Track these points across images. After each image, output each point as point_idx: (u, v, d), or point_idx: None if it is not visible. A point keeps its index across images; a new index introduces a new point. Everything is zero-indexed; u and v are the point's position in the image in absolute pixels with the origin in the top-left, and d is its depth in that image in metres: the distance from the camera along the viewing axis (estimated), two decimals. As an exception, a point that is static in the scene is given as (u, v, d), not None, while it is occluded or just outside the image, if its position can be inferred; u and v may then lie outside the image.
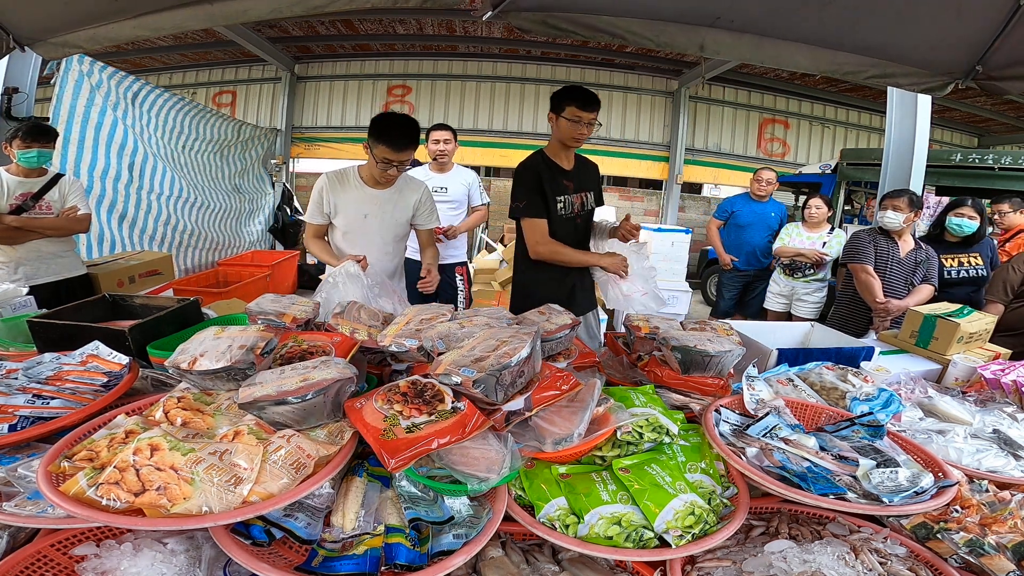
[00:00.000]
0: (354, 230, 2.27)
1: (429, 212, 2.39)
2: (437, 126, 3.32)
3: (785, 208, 4.66)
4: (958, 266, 2.91)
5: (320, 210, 2.25)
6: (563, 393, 1.09)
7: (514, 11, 2.02)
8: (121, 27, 2.24)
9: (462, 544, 0.86)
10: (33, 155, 2.61)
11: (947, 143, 9.28)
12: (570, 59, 8.32)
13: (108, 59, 5.10)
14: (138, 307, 1.70)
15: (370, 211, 2.25)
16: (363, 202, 2.25)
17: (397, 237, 2.35)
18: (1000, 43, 2.04)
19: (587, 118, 2.08)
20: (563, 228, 2.21)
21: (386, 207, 2.27)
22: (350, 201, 2.24)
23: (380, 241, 2.29)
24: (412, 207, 2.33)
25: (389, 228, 2.30)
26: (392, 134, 2.08)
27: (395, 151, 2.08)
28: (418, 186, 2.39)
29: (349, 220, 2.26)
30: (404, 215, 2.33)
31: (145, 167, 4.68)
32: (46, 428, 0.99)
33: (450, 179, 3.38)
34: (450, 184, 3.35)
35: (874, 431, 1.18)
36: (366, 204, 2.25)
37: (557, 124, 2.13)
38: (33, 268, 2.70)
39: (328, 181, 2.25)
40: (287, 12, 2.04)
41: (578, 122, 2.08)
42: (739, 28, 2.20)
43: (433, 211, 2.43)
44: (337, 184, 2.25)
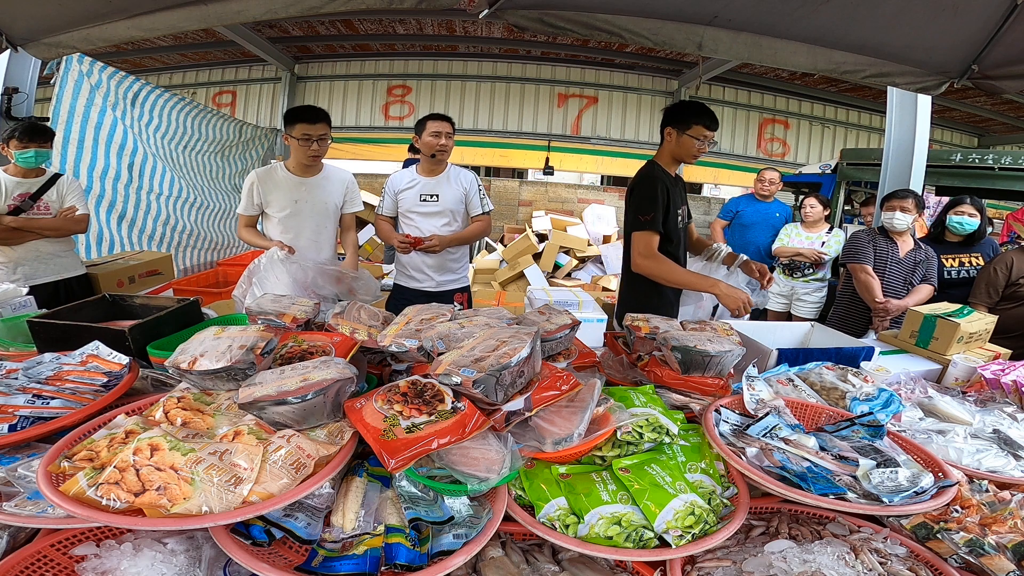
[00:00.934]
0: (287, 216, 2.50)
1: (354, 196, 2.70)
2: (435, 116, 2.64)
3: (790, 208, 4.66)
4: (959, 266, 2.91)
5: (251, 202, 2.51)
6: (563, 393, 1.09)
7: (511, 9, 2.03)
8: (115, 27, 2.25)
9: (462, 544, 0.86)
10: (31, 155, 2.60)
11: (947, 143, 9.27)
12: (570, 59, 8.31)
13: (108, 59, 5.10)
14: (138, 307, 1.70)
15: (300, 196, 2.50)
16: (292, 189, 2.49)
17: (327, 219, 2.60)
18: (996, 42, 2.05)
19: (711, 137, 2.12)
20: (680, 240, 2.23)
21: (315, 192, 2.53)
22: (280, 191, 2.49)
23: (312, 224, 2.55)
24: (341, 193, 2.62)
25: (319, 211, 2.55)
26: (304, 111, 2.40)
27: (311, 123, 2.37)
28: (344, 174, 2.68)
29: (281, 207, 2.49)
30: (333, 199, 2.59)
31: (145, 167, 4.68)
32: (46, 428, 0.99)
33: (442, 184, 2.71)
34: (443, 190, 2.69)
35: (874, 431, 1.18)
36: (295, 191, 2.50)
37: (678, 140, 2.13)
38: (32, 268, 2.70)
39: (257, 176, 2.50)
40: (282, 13, 2.05)
41: (703, 141, 2.10)
42: (737, 27, 2.20)
43: (358, 196, 2.73)
44: (266, 178, 2.51)
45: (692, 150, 2.11)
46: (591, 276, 6.84)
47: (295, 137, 2.38)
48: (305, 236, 2.52)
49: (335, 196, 2.58)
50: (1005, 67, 2.15)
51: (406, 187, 2.71)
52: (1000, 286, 2.57)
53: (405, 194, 2.70)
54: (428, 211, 2.70)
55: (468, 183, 2.77)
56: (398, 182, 2.73)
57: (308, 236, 2.53)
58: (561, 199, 8.49)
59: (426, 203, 2.69)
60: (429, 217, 2.71)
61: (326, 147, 2.46)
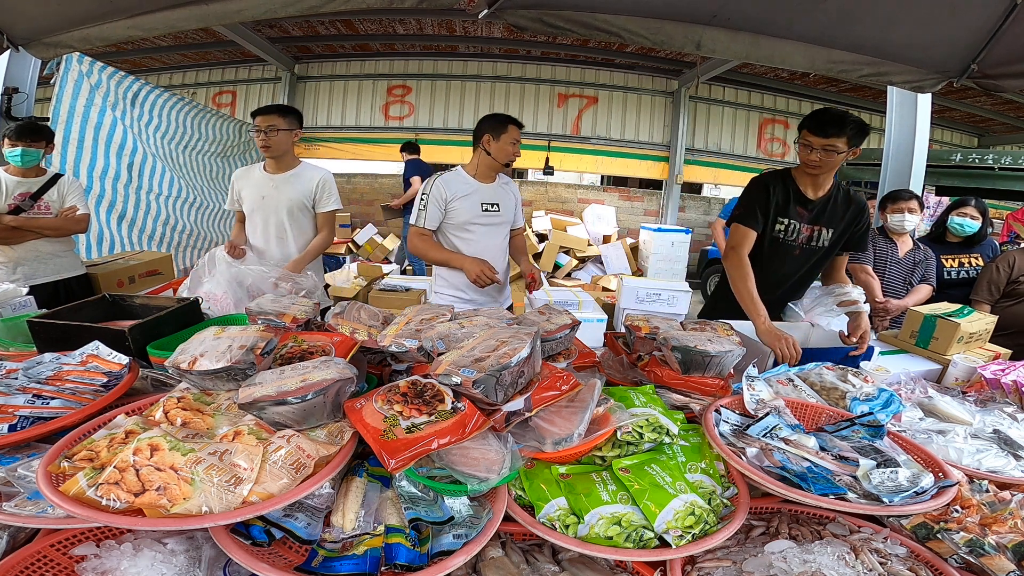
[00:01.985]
0: (255, 209, 2.56)
1: (327, 195, 2.61)
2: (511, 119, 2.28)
3: None
4: (958, 266, 2.92)
5: (232, 198, 2.64)
6: (563, 393, 1.09)
7: (510, 8, 2.03)
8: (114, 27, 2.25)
9: (462, 544, 0.86)
10: (18, 154, 2.60)
11: (947, 143, 9.28)
12: (570, 59, 8.31)
13: (108, 59, 5.11)
14: (138, 307, 1.69)
15: (266, 192, 2.55)
16: (261, 185, 2.56)
17: (292, 217, 2.57)
18: (996, 41, 2.05)
19: (818, 143, 1.86)
20: (777, 251, 2.08)
21: (282, 188, 2.55)
22: (253, 186, 2.57)
23: (275, 219, 2.56)
24: (311, 190, 2.57)
25: (284, 207, 2.55)
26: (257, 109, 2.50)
27: (259, 115, 2.45)
28: (318, 172, 2.62)
29: (251, 202, 2.57)
30: (301, 196, 2.56)
31: (144, 167, 4.68)
32: (46, 428, 0.99)
33: (499, 192, 2.39)
34: (502, 199, 2.39)
35: (874, 431, 1.18)
36: (263, 187, 2.56)
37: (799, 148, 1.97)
38: (32, 268, 2.70)
39: (236, 175, 2.63)
40: (281, 12, 2.06)
41: (807, 147, 1.90)
42: (735, 26, 2.21)
43: (332, 195, 2.63)
44: (244, 175, 2.62)
45: (803, 157, 1.96)
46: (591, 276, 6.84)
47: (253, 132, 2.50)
48: (269, 233, 2.57)
49: (303, 194, 2.56)
50: (1005, 66, 2.15)
51: (463, 195, 2.29)
52: (1002, 284, 2.57)
53: (461, 203, 2.28)
54: (491, 222, 2.36)
55: (516, 192, 2.52)
56: (449, 189, 2.27)
57: (272, 233, 2.57)
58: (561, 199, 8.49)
59: (488, 213, 2.34)
60: (493, 230, 2.37)
61: (276, 139, 2.47)
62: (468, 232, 2.34)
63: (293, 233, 2.59)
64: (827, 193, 2.04)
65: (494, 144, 2.28)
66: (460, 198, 2.29)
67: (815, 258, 2.11)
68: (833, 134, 1.84)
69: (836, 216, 2.06)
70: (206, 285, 2.14)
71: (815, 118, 1.90)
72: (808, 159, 1.92)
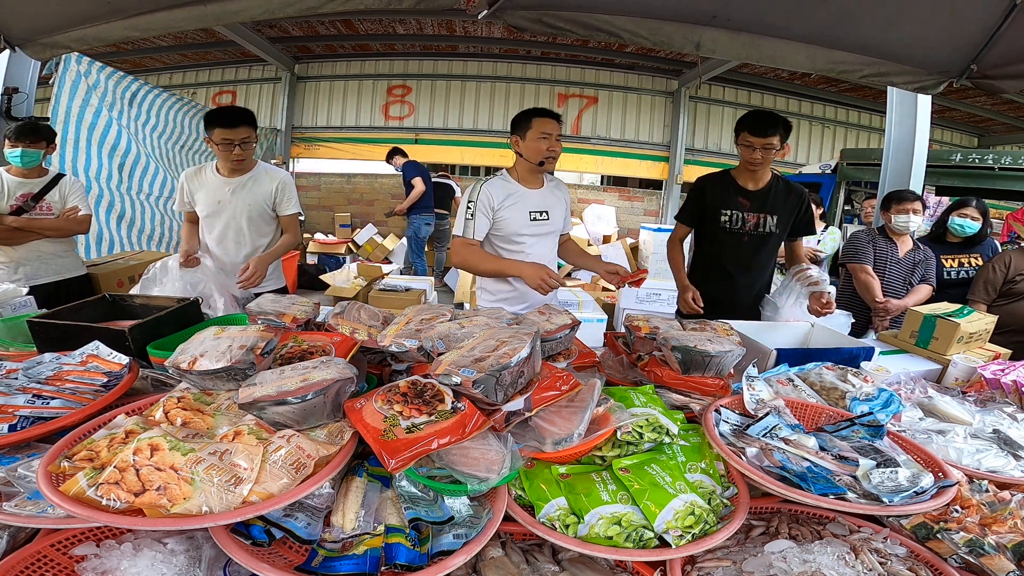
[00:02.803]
0: (211, 215, 2.43)
1: (288, 199, 2.50)
2: (541, 111, 2.07)
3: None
4: (958, 266, 2.92)
5: (182, 200, 2.48)
6: (563, 393, 1.09)
7: (510, 9, 2.03)
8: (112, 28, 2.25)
9: (462, 544, 0.86)
10: (16, 154, 2.59)
11: (947, 143, 9.28)
12: (570, 59, 8.31)
13: (107, 59, 5.11)
14: (138, 307, 1.70)
15: (223, 197, 2.40)
16: (217, 189, 2.40)
17: (251, 222, 2.45)
18: (995, 41, 2.05)
19: (758, 143, 2.16)
20: (728, 239, 2.35)
21: (239, 193, 2.40)
22: (206, 190, 2.41)
23: (235, 225, 2.43)
24: (271, 194, 2.45)
25: (242, 212, 2.42)
26: (221, 114, 2.29)
27: (229, 128, 2.25)
28: (276, 175, 2.50)
29: (206, 206, 2.42)
30: (259, 200, 2.43)
31: (135, 167, 4.66)
32: (46, 428, 0.99)
33: (548, 197, 2.17)
34: (551, 205, 2.18)
35: (874, 431, 1.18)
36: (219, 191, 2.40)
37: (738, 147, 2.28)
38: (33, 268, 2.70)
39: (186, 176, 2.46)
40: (280, 13, 2.06)
41: (749, 147, 2.18)
42: (735, 27, 2.21)
43: (292, 197, 2.51)
44: (194, 177, 2.45)
45: (746, 156, 2.24)
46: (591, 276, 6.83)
47: (215, 142, 2.26)
48: (226, 237, 2.44)
49: (262, 198, 2.42)
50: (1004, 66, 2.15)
51: (510, 203, 2.08)
52: (998, 284, 2.57)
53: (508, 212, 2.08)
54: (541, 231, 2.14)
55: (566, 195, 2.30)
56: (496, 196, 2.07)
57: (230, 238, 2.44)
58: (561, 199, 8.46)
59: (537, 223, 2.13)
60: (543, 240, 2.17)
61: (250, 150, 2.34)
62: (516, 243, 2.11)
63: (251, 237, 2.47)
64: (767, 184, 2.34)
65: (523, 144, 2.07)
66: (508, 207, 2.07)
67: (766, 244, 2.37)
68: (771, 133, 2.15)
69: (779, 203, 2.33)
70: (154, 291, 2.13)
71: (754, 121, 2.18)
72: (751, 157, 2.21)
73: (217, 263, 2.45)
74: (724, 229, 2.33)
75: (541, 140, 2.03)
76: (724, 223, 2.33)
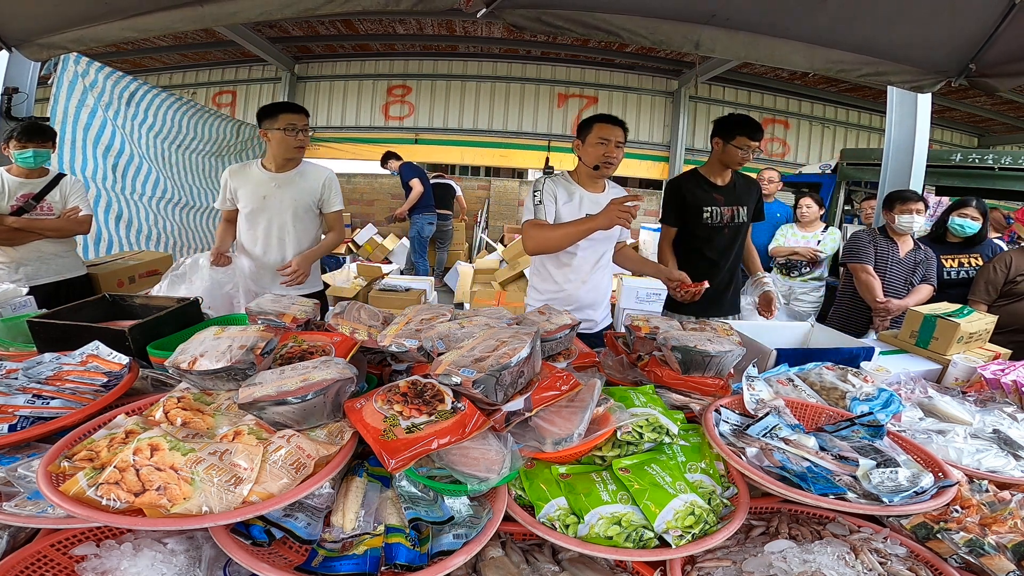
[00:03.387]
0: (255, 210, 2.42)
1: (335, 195, 2.53)
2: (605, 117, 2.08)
3: (790, 208, 4.67)
4: (958, 267, 2.92)
5: (224, 197, 2.47)
6: (563, 393, 1.09)
7: (509, 8, 2.03)
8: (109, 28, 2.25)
9: (462, 544, 0.86)
10: (29, 155, 2.60)
11: (947, 143, 9.28)
12: (570, 59, 8.32)
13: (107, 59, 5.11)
14: (138, 307, 1.70)
15: (268, 192, 2.41)
16: (263, 184, 2.41)
17: (296, 218, 2.44)
18: (994, 40, 2.05)
19: (753, 145, 2.30)
20: (712, 234, 2.47)
21: (286, 187, 2.42)
22: (251, 186, 2.42)
23: (279, 221, 2.43)
24: (317, 190, 2.47)
25: (288, 208, 2.42)
26: (285, 105, 2.39)
27: (296, 113, 2.34)
28: (322, 171, 2.52)
29: (249, 201, 2.41)
30: (306, 196, 2.45)
31: (129, 168, 4.65)
32: (46, 428, 0.99)
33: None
34: None
35: (874, 431, 1.18)
36: (265, 186, 2.41)
37: (724, 149, 2.35)
38: (34, 268, 2.70)
39: (230, 172, 2.46)
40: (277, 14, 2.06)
41: (744, 149, 2.31)
42: (734, 26, 2.21)
43: (338, 194, 2.54)
44: (238, 173, 2.46)
45: (738, 158, 2.34)
46: (591, 276, 6.82)
47: (279, 129, 2.31)
48: (270, 234, 2.43)
49: (308, 194, 2.44)
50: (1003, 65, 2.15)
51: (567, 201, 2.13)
52: (999, 284, 2.57)
53: (566, 209, 2.13)
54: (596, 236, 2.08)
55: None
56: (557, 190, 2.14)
57: (274, 235, 2.43)
58: (561, 199, 8.46)
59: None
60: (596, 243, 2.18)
61: (308, 141, 2.41)
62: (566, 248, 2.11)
63: (296, 235, 2.45)
64: (731, 179, 2.49)
65: (582, 148, 2.12)
66: (565, 204, 2.12)
67: (740, 233, 2.54)
68: (759, 137, 2.33)
69: (743, 194, 2.51)
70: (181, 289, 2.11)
71: (749, 125, 2.31)
72: (743, 158, 2.33)
73: (256, 262, 2.45)
74: (707, 225, 2.45)
75: (599, 145, 2.08)
76: (706, 219, 2.44)
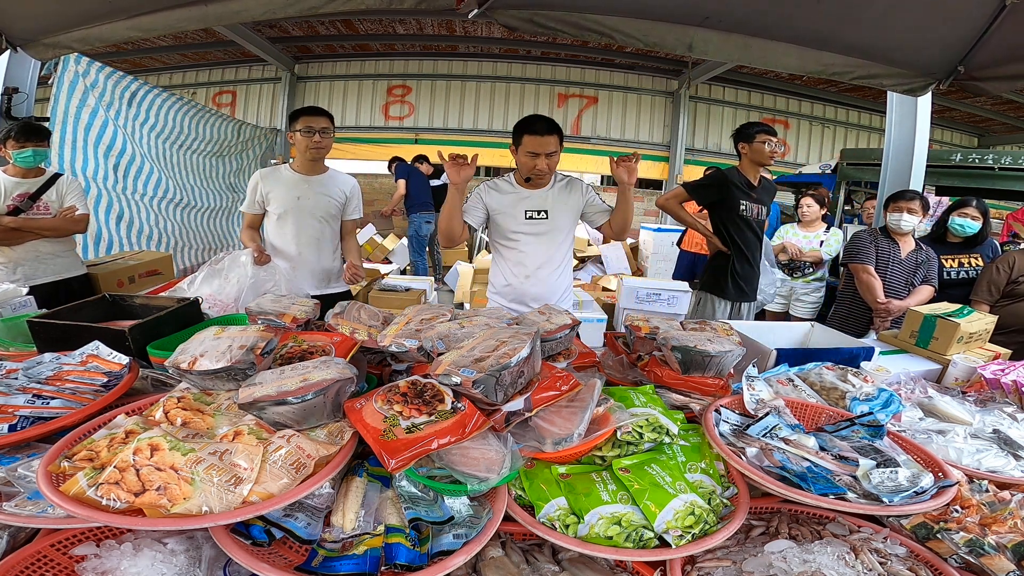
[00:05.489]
0: (287, 211, 2.47)
1: (357, 204, 2.65)
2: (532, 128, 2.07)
3: (778, 207, 4.68)
4: (958, 267, 2.91)
5: (254, 200, 2.50)
6: (563, 393, 1.09)
7: (500, 8, 2.02)
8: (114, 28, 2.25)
9: (462, 544, 0.86)
10: (28, 154, 2.60)
11: (947, 143, 9.28)
12: (570, 59, 8.32)
13: (107, 59, 5.11)
14: (138, 307, 1.69)
15: (302, 192, 2.48)
16: (295, 186, 2.48)
17: (327, 219, 2.53)
18: (983, 43, 2.05)
19: (776, 139, 2.63)
20: (749, 226, 2.75)
21: (317, 189, 2.50)
22: (283, 187, 2.48)
23: (315, 223, 2.51)
24: (343, 196, 2.56)
25: (322, 209, 2.51)
26: (306, 108, 2.46)
27: (312, 115, 2.41)
28: (349, 179, 2.64)
29: (282, 203, 2.47)
30: (334, 200, 2.54)
31: (130, 168, 4.66)
32: (46, 428, 0.99)
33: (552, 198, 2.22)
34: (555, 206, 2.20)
35: (874, 431, 1.18)
36: (298, 187, 2.48)
37: (751, 148, 2.66)
38: (32, 268, 2.69)
39: (261, 176, 2.51)
40: (281, 13, 2.07)
41: (769, 143, 2.62)
42: (727, 28, 2.21)
43: (360, 203, 2.66)
44: (270, 176, 2.51)
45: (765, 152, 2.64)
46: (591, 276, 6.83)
47: (298, 130, 2.40)
48: (306, 234, 2.50)
49: (338, 198, 2.55)
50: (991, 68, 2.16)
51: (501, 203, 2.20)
52: (1001, 284, 2.58)
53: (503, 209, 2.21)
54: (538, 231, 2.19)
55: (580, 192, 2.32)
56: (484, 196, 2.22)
57: (310, 235, 2.51)
58: (561, 199, 8.47)
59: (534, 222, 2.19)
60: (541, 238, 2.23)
61: (329, 142, 2.46)
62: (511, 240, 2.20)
63: (328, 236, 2.54)
64: (760, 180, 2.79)
65: (516, 156, 2.16)
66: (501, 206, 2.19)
67: (762, 228, 2.84)
68: (774, 131, 2.67)
69: (767, 195, 2.83)
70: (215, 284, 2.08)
71: (765, 125, 2.69)
72: (773, 152, 2.64)
73: (291, 262, 2.50)
74: (743, 218, 2.72)
75: (528, 157, 2.09)
76: (743, 212, 2.70)
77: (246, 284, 2.09)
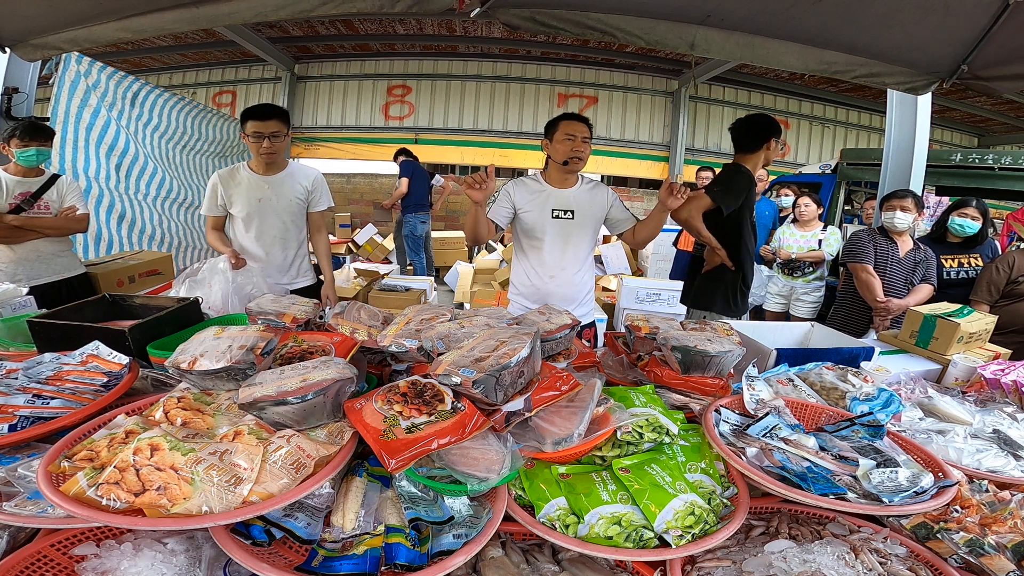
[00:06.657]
0: (251, 214, 2.42)
1: (323, 194, 2.57)
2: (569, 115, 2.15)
3: (776, 206, 4.68)
4: (958, 267, 2.91)
5: (214, 203, 2.44)
6: (563, 393, 1.09)
7: (503, 7, 2.02)
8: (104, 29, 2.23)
9: (462, 544, 0.86)
10: (32, 153, 2.60)
11: (947, 143, 9.28)
12: (570, 59, 8.32)
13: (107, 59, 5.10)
14: (138, 307, 1.69)
15: (263, 195, 2.42)
16: (256, 188, 2.42)
17: (292, 217, 2.49)
18: (987, 42, 2.05)
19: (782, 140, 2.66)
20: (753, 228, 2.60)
21: (278, 189, 2.44)
22: (243, 190, 2.41)
23: (278, 223, 2.46)
24: (306, 190, 2.50)
25: (284, 209, 2.46)
26: (254, 109, 2.34)
27: (260, 120, 2.30)
28: (310, 171, 2.56)
29: (245, 206, 2.41)
30: (297, 198, 2.48)
31: (133, 167, 4.65)
32: (46, 428, 0.99)
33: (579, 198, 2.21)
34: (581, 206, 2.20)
35: (874, 431, 1.18)
36: (258, 189, 2.42)
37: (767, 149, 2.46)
38: (32, 268, 2.70)
39: (219, 177, 2.43)
40: (272, 16, 2.06)
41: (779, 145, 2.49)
42: (729, 26, 2.21)
43: (326, 193, 2.58)
44: (228, 178, 2.44)
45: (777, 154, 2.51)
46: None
47: (248, 135, 2.33)
48: (269, 235, 2.46)
49: (300, 195, 2.49)
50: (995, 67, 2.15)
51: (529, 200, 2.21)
52: (1001, 284, 2.58)
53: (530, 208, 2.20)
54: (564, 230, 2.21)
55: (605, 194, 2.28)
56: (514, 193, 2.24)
57: (273, 235, 2.47)
58: (561, 199, 8.48)
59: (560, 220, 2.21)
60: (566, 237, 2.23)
61: (281, 144, 2.37)
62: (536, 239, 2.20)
63: (292, 234, 2.51)
64: None
65: (551, 146, 2.18)
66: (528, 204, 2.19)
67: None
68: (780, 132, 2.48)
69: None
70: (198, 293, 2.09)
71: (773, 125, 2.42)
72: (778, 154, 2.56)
73: (260, 263, 2.47)
74: (753, 222, 2.59)
75: (566, 140, 2.12)
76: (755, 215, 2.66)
77: (229, 289, 2.10)
